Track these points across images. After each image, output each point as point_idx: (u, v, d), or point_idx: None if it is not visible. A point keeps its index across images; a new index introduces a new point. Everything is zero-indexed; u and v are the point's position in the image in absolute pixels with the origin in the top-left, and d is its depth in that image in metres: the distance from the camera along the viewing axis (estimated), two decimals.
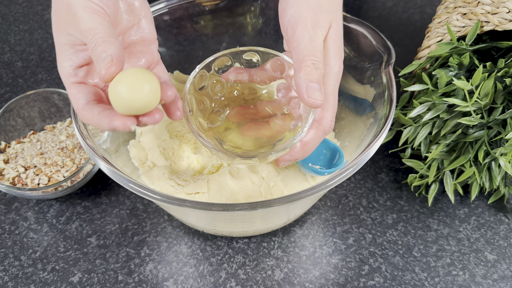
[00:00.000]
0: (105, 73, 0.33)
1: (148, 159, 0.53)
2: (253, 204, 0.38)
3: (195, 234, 0.54)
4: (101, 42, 0.33)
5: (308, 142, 0.42)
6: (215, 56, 0.45)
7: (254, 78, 0.46)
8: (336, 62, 0.41)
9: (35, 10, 0.82)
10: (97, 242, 0.53)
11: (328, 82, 0.41)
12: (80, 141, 0.43)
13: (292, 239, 0.53)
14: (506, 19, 0.46)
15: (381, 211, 0.56)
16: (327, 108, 0.41)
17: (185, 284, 0.50)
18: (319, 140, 0.42)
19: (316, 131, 0.42)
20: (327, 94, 0.41)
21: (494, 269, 0.51)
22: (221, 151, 0.43)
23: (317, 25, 0.39)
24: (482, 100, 0.48)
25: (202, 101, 0.45)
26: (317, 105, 0.38)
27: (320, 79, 0.38)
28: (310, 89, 0.38)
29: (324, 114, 0.41)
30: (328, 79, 0.41)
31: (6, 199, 0.57)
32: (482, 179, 0.52)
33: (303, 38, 0.39)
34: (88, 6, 0.35)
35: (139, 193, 0.39)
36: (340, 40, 0.42)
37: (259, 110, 0.47)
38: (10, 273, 0.51)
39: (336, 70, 0.41)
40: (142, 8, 0.41)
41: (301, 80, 0.38)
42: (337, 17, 0.41)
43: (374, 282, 0.50)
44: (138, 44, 0.42)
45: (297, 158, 0.43)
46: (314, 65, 0.38)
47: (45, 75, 0.71)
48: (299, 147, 0.42)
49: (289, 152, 0.43)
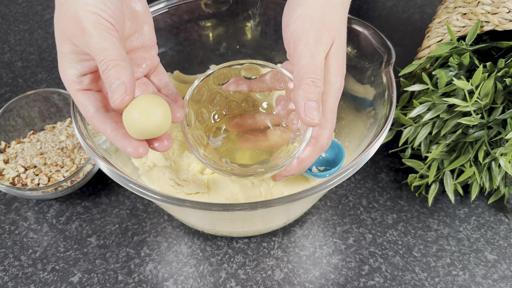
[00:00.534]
0: (120, 103, 0.34)
1: (148, 159, 0.53)
2: (253, 204, 0.38)
3: (195, 234, 0.54)
4: (113, 67, 0.34)
5: (305, 159, 0.42)
6: (214, 70, 0.45)
7: (254, 89, 0.46)
8: (337, 79, 0.40)
9: (35, 10, 0.82)
10: (97, 242, 0.53)
11: (328, 100, 0.40)
12: (80, 141, 0.43)
13: (292, 239, 0.53)
14: (506, 19, 0.46)
15: (381, 211, 0.56)
16: (325, 126, 0.41)
17: (185, 284, 0.50)
18: (315, 157, 0.42)
19: (313, 148, 0.42)
20: (326, 112, 0.40)
21: (494, 269, 0.51)
22: (217, 168, 0.43)
23: (319, 41, 0.39)
24: (482, 100, 0.48)
25: (201, 113, 0.45)
26: (313, 124, 0.37)
27: (318, 98, 0.38)
28: (308, 108, 0.37)
29: (321, 132, 0.41)
30: (328, 96, 0.40)
31: (6, 199, 0.57)
32: (482, 179, 0.52)
33: (304, 55, 0.38)
34: (98, 23, 0.35)
35: (139, 193, 0.39)
36: (343, 56, 0.41)
37: (257, 121, 0.47)
38: (10, 273, 0.51)
39: (336, 87, 0.40)
40: (145, 15, 0.42)
41: (299, 97, 0.37)
42: (341, 33, 0.41)
43: (374, 282, 0.50)
44: (139, 49, 0.42)
45: (293, 174, 0.43)
46: (314, 83, 0.38)
47: (45, 75, 0.71)
48: (296, 164, 0.42)
49: (286, 168, 0.43)
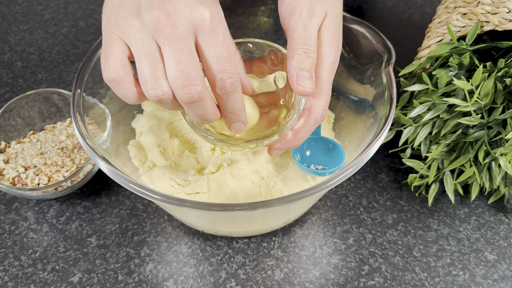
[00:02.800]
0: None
1: (148, 159, 0.53)
2: (253, 204, 0.38)
3: (195, 234, 0.54)
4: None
5: (299, 130, 0.42)
6: None
7: (253, 69, 0.46)
8: (331, 51, 0.40)
9: (35, 10, 0.82)
10: (97, 242, 0.53)
11: (322, 72, 0.40)
12: (80, 141, 0.43)
13: (292, 239, 0.53)
14: (506, 19, 0.46)
15: (381, 211, 0.56)
16: (319, 97, 0.41)
17: (185, 284, 0.50)
18: (310, 128, 0.42)
19: (306, 120, 0.41)
20: (320, 83, 0.40)
21: (494, 269, 0.51)
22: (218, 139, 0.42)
23: (312, 14, 0.39)
24: (482, 100, 0.48)
25: None
26: (306, 93, 0.38)
27: (311, 68, 0.38)
28: (300, 77, 0.38)
29: (315, 103, 0.41)
30: (322, 68, 0.40)
31: (6, 199, 0.57)
32: (482, 179, 0.52)
33: (297, 27, 0.39)
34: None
35: (139, 193, 0.39)
36: (337, 29, 0.41)
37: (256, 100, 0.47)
38: (10, 273, 0.51)
39: (331, 60, 0.40)
40: None
41: (292, 68, 0.38)
42: (334, 6, 0.41)
43: (374, 282, 0.50)
44: None
45: (289, 147, 0.43)
46: (306, 53, 0.38)
47: (45, 75, 0.71)
48: (291, 135, 0.42)
49: (281, 140, 0.42)
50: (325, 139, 0.49)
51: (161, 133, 0.54)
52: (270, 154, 0.45)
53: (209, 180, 0.49)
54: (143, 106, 0.58)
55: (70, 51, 0.75)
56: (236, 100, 0.37)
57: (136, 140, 0.55)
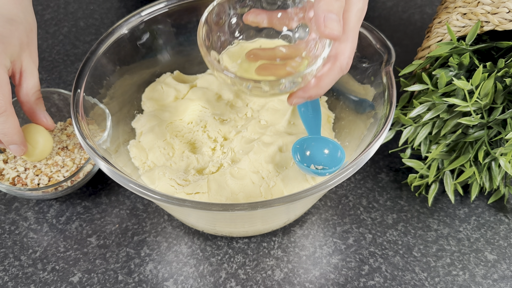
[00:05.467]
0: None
1: (148, 159, 0.53)
2: (253, 204, 0.38)
3: (195, 234, 0.54)
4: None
5: (323, 77, 0.40)
6: None
7: (273, 22, 0.45)
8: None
9: (35, 10, 0.82)
10: (97, 242, 0.53)
11: (350, 18, 0.39)
12: (80, 141, 0.43)
13: (292, 239, 0.53)
14: (506, 19, 0.46)
15: (381, 211, 0.56)
16: (346, 43, 0.40)
17: (185, 284, 0.50)
18: (334, 76, 0.40)
19: (331, 66, 0.40)
20: (347, 30, 0.39)
21: (494, 269, 0.51)
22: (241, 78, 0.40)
23: None
24: (482, 100, 0.48)
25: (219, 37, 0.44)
26: (333, 36, 0.37)
27: (339, 12, 0.37)
28: (328, 19, 0.37)
29: (342, 49, 0.40)
30: (350, 14, 0.39)
31: (6, 199, 0.57)
32: (482, 179, 0.52)
33: None
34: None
35: (139, 193, 0.39)
36: None
37: (276, 52, 0.46)
38: (10, 273, 0.51)
39: (359, 7, 0.39)
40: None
41: (319, 10, 0.37)
42: None
43: (374, 282, 0.50)
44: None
45: (311, 95, 0.41)
46: None
47: (45, 75, 0.71)
48: (314, 83, 0.40)
49: (303, 87, 0.41)
50: (325, 139, 0.49)
51: (161, 133, 0.54)
52: (290, 103, 0.42)
53: (209, 180, 0.49)
54: (143, 106, 0.58)
55: (70, 51, 0.75)
56: (5, 123, 0.47)
57: (136, 140, 0.55)
